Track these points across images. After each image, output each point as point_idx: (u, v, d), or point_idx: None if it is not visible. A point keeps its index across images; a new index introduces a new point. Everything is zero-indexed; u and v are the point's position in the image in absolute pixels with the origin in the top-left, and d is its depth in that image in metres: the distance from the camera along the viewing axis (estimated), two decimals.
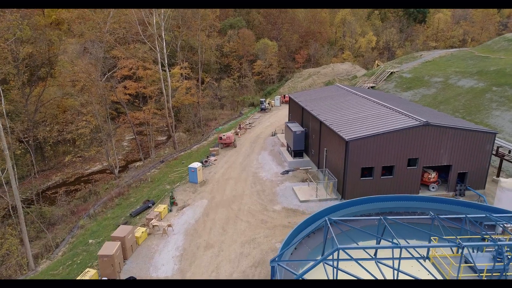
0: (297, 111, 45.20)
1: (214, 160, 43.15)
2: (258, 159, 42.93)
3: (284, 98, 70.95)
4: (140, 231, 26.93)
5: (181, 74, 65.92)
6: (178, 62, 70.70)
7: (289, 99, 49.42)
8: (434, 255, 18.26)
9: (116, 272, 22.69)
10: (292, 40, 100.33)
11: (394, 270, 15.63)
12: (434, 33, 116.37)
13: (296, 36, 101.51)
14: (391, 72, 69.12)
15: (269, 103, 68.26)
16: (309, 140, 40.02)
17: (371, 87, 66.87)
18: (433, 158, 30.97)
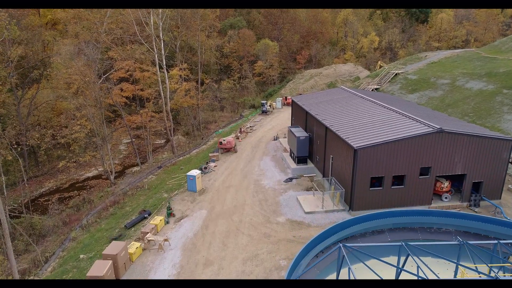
0: (301, 115, 43.36)
1: (214, 167, 41.31)
2: (260, 165, 41.08)
3: (286, 100, 69.15)
4: (134, 247, 25.09)
5: (180, 76, 64.03)
6: (177, 63, 68.85)
7: (292, 102, 47.58)
8: None
9: None
10: (293, 41, 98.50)
11: None
12: (437, 33, 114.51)
13: (297, 37, 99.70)
14: (396, 74, 67.27)
15: (271, 105, 66.39)
16: (314, 146, 38.17)
17: (375, 89, 65.05)
18: (447, 167, 29.13)
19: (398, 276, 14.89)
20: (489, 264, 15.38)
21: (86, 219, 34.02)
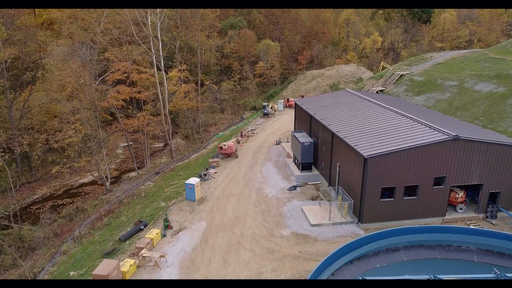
0: (304, 119, 41.50)
1: (214, 173, 39.46)
2: (262, 172, 39.23)
3: (288, 102, 67.34)
4: (128, 264, 23.24)
5: (179, 77, 62.15)
6: (176, 65, 67.01)
7: (295, 106, 45.72)
8: None
9: None
10: (295, 41, 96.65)
11: None
12: (440, 34, 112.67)
13: (299, 37, 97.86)
14: (401, 75, 65.39)
15: (272, 108, 64.54)
16: (319, 152, 36.31)
17: (380, 91, 63.18)
18: (463, 177, 27.31)
19: None
20: None
21: (79, 230, 32.15)
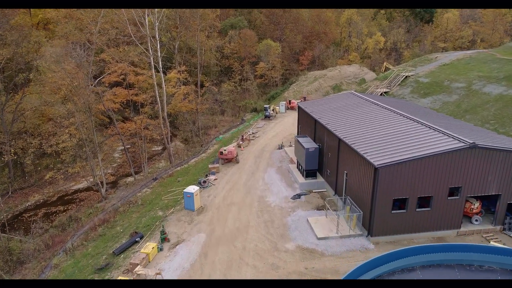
0: (308, 123, 39.78)
1: (214, 180, 37.76)
2: (264, 179, 37.51)
3: (290, 104, 65.65)
4: None
5: (178, 79, 60.41)
6: (175, 66, 65.26)
7: (299, 109, 44.00)
8: None
9: None
10: (296, 41, 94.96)
11: None
12: (443, 34, 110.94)
13: (300, 37, 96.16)
14: (406, 76, 63.69)
15: (274, 110, 62.80)
16: (324, 158, 34.60)
17: (385, 93, 61.49)
18: (479, 186, 25.60)
19: None
20: None
21: (71, 242, 30.45)
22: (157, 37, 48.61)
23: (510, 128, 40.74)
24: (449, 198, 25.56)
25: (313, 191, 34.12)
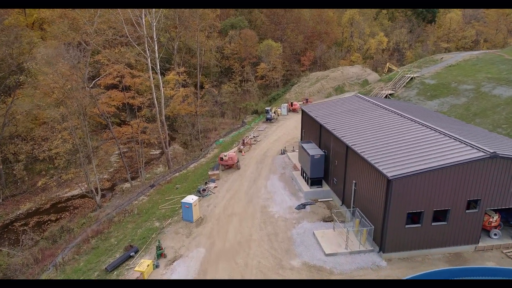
0: (313, 128, 37.95)
1: (214, 188, 35.94)
2: (267, 186, 35.69)
3: (292, 106, 63.83)
4: None
5: (177, 81, 58.57)
6: (174, 67, 63.44)
7: (302, 113, 42.17)
8: None
9: None
10: (297, 41, 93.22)
11: None
12: (446, 34, 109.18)
13: (301, 37, 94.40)
14: (411, 78, 61.88)
15: (275, 112, 60.96)
16: (330, 166, 32.78)
17: (390, 95, 59.69)
18: (500, 199, 23.83)
19: None
20: None
21: (62, 256, 28.61)
22: (155, 38, 46.81)
23: None
24: (467, 211, 23.77)
25: (319, 200, 32.30)
